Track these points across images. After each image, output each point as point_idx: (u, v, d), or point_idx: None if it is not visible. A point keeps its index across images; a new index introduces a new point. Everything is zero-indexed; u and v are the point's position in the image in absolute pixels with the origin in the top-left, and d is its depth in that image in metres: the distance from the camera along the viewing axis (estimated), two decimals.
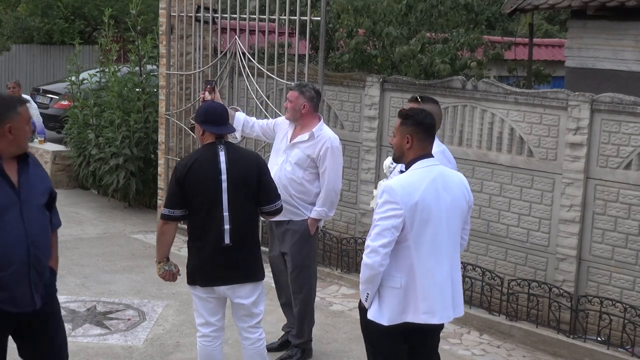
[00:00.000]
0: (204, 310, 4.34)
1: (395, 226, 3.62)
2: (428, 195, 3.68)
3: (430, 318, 3.72)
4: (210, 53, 8.28)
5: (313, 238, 5.29)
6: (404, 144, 3.79)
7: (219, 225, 4.19)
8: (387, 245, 3.63)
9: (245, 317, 4.37)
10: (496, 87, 6.40)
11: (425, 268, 3.69)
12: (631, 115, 5.71)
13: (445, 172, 3.83)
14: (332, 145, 5.12)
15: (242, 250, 4.26)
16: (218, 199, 4.18)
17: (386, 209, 3.65)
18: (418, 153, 3.77)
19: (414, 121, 3.77)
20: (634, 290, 5.77)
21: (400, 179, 3.77)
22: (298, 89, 5.21)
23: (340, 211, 7.33)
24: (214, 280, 4.25)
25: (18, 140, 3.54)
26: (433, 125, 3.83)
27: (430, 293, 3.70)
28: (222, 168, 4.19)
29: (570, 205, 5.98)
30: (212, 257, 4.22)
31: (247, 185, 4.24)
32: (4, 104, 3.57)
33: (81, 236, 8.28)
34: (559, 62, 11.99)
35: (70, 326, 5.77)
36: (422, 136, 3.77)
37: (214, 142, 4.28)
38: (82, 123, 9.89)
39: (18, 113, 3.53)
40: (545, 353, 5.78)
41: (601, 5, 8.07)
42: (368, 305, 3.78)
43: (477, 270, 6.44)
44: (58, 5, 20.76)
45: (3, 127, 3.49)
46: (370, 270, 3.67)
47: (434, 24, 8.62)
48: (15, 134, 3.51)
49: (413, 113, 3.83)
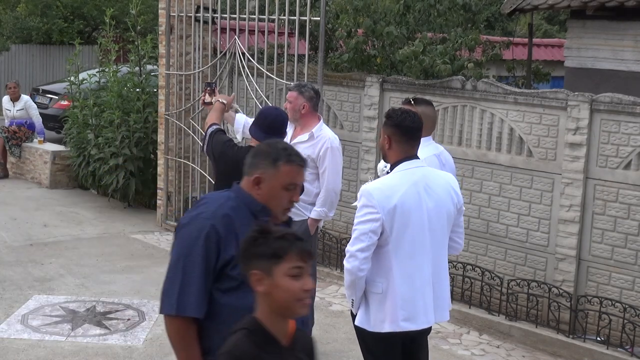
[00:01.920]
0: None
1: (373, 230, 3.55)
2: (408, 198, 3.59)
3: (410, 325, 3.63)
4: (209, 53, 8.28)
5: (313, 238, 5.30)
6: (385, 144, 3.73)
7: None
8: (365, 249, 3.56)
9: None
10: (495, 87, 6.40)
11: (405, 273, 3.61)
12: (630, 115, 5.71)
13: (430, 174, 3.73)
14: (332, 145, 5.13)
15: None
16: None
17: (364, 212, 3.59)
18: (400, 155, 3.69)
19: (392, 122, 3.68)
20: (634, 290, 5.77)
21: (380, 182, 3.71)
22: (297, 89, 5.22)
23: (339, 211, 7.33)
24: None
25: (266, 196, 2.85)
26: (412, 127, 3.69)
27: (410, 298, 3.61)
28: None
29: (570, 205, 5.99)
30: None
31: None
32: (272, 150, 2.87)
33: (80, 236, 8.28)
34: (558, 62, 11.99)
35: (69, 326, 5.78)
36: (400, 138, 3.67)
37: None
38: (82, 123, 9.89)
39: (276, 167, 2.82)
40: (544, 353, 5.79)
41: (600, 5, 8.07)
42: (355, 311, 3.73)
43: (476, 270, 6.44)
44: (57, 5, 20.76)
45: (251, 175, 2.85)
46: (350, 275, 3.60)
47: (432, 23, 8.62)
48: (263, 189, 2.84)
49: (393, 114, 3.73)
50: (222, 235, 2.72)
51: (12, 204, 9.57)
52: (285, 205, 2.84)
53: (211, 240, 2.72)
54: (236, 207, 2.80)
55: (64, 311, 6.08)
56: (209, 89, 5.30)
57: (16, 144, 11.08)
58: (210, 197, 2.96)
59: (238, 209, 2.79)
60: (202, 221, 2.75)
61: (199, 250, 2.73)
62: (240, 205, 2.80)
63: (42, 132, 11.38)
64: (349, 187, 7.39)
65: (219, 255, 2.73)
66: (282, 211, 2.86)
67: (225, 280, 2.74)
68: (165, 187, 8.67)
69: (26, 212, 9.18)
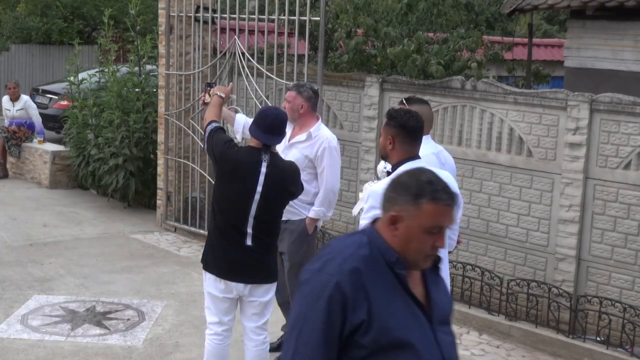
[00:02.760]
0: (219, 309, 4.40)
1: None
2: None
3: None
4: (209, 53, 8.27)
5: (311, 238, 5.30)
6: (387, 144, 3.77)
7: (243, 226, 4.28)
8: None
9: (255, 316, 4.43)
10: (495, 87, 6.40)
11: None
12: (630, 115, 5.71)
13: None
14: (330, 145, 5.13)
15: (263, 252, 4.36)
16: (248, 205, 4.27)
17: (372, 214, 3.57)
18: (402, 155, 3.73)
19: (396, 123, 3.72)
20: (633, 290, 5.77)
21: (385, 183, 3.75)
22: (295, 89, 5.22)
23: (339, 211, 7.33)
24: (232, 277, 4.32)
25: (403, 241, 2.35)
26: (416, 127, 3.75)
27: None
28: (260, 179, 4.26)
29: (570, 205, 5.99)
30: (235, 255, 4.30)
31: (279, 196, 4.38)
32: (413, 182, 2.36)
33: (80, 236, 8.27)
34: (558, 62, 11.99)
35: (69, 326, 5.78)
36: (404, 139, 3.72)
37: (260, 149, 4.31)
38: (82, 123, 9.88)
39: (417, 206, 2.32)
40: (544, 353, 5.79)
41: (600, 5, 8.07)
42: None
43: (476, 270, 6.44)
44: (57, 5, 20.76)
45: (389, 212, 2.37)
46: None
47: (433, 23, 8.61)
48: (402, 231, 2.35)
49: (396, 114, 3.76)
50: (348, 296, 2.23)
51: (11, 204, 9.57)
52: (426, 251, 2.34)
53: (335, 303, 2.23)
54: (369, 258, 2.31)
55: (64, 311, 6.08)
56: (209, 89, 5.29)
57: (16, 144, 11.07)
58: (337, 244, 2.41)
59: (371, 260, 2.31)
60: (325, 278, 2.26)
61: (320, 315, 2.23)
62: (375, 254, 2.32)
63: (41, 132, 11.37)
64: (348, 187, 7.39)
65: (345, 320, 2.24)
66: (423, 258, 2.36)
67: (354, 348, 2.26)
68: (165, 187, 8.67)
69: (26, 212, 9.18)
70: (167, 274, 7.11)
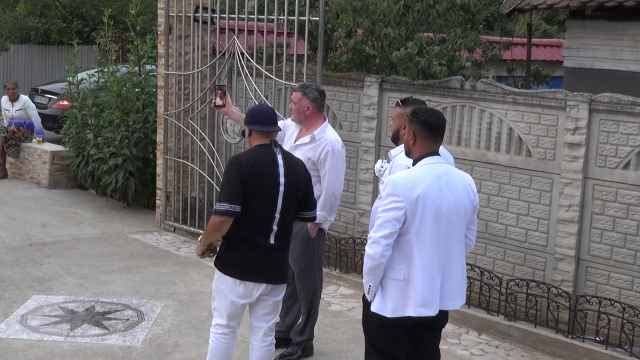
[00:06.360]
0: (229, 313, 4.37)
1: (397, 218, 3.74)
2: (430, 191, 3.79)
3: (426, 310, 3.82)
4: (208, 53, 8.28)
5: (316, 241, 5.24)
6: (410, 140, 3.94)
7: (268, 225, 4.25)
8: (388, 236, 3.75)
9: (266, 316, 4.43)
10: (495, 87, 6.40)
11: (424, 262, 3.79)
12: (629, 115, 5.71)
13: (450, 171, 3.94)
14: (333, 148, 5.10)
15: (284, 251, 4.37)
16: (274, 202, 4.24)
17: (389, 201, 3.78)
18: (423, 151, 3.90)
19: (419, 119, 3.91)
20: (633, 290, 5.77)
21: (405, 173, 3.92)
22: (301, 90, 5.20)
23: (339, 211, 7.33)
24: (257, 278, 4.29)
25: None
26: (438, 124, 3.92)
27: (427, 286, 3.80)
28: (280, 172, 4.24)
29: (569, 205, 5.99)
30: (258, 255, 4.27)
31: (298, 190, 4.33)
32: None
33: (79, 236, 8.27)
34: (557, 62, 12.00)
35: (68, 326, 5.77)
36: (425, 134, 3.89)
37: (269, 144, 4.29)
38: (81, 123, 9.89)
39: None
40: (543, 353, 5.79)
41: (599, 5, 8.07)
42: (371, 298, 3.88)
43: (475, 270, 6.44)
44: (56, 5, 20.75)
45: None
46: (372, 261, 3.79)
47: (431, 24, 8.61)
48: None
49: (419, 112, 3.96)
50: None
51: (11, 204, 9.57)
52: None
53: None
54: None
55: (63, 311, 6.08)
56: (220, 92, 5.26)
57: (14, 144, 11.07)
58: None
59: None
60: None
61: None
62: None
63: (41, 132, 11.37)
64: (347, 187, 7.39)
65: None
66: None
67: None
68: (164, 187, 8.67)
69: (25, 212, 9.18)
70: (166, 274, 7.11)
